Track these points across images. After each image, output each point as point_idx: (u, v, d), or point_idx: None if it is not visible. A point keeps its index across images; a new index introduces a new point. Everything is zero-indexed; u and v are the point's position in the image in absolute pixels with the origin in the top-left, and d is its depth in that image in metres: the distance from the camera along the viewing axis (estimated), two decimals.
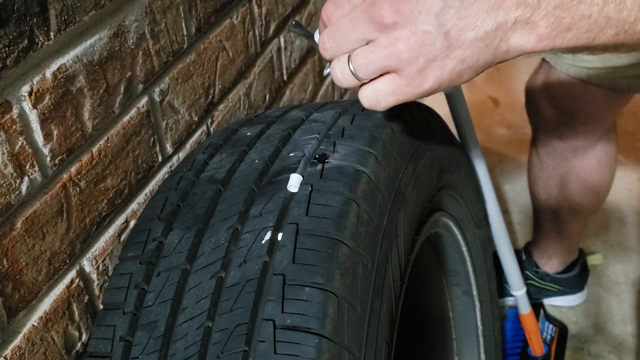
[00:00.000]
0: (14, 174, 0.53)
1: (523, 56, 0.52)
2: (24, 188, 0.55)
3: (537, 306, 1.53)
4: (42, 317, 0.59)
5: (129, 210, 0.70)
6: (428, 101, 0.82)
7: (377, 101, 0.54)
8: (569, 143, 1.31)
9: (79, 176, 0.61)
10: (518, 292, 1.25)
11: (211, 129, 0.85)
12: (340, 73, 0.54)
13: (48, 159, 0.57)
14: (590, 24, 0.48)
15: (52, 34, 0.54)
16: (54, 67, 0.56)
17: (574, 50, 0.50)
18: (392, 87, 0.53)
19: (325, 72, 0.64)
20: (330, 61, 0.61)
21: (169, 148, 0.76)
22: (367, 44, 0.52)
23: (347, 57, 0.53)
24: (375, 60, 0.51)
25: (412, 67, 0.50)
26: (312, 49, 1.17)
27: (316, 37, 0.63)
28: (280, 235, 0.58)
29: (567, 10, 0.48)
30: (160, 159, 0.75)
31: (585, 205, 1.40)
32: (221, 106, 0.87)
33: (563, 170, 1.35)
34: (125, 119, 0.67)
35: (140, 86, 0.69)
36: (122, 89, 0.65)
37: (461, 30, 0.49)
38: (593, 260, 1.68)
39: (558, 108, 1.25)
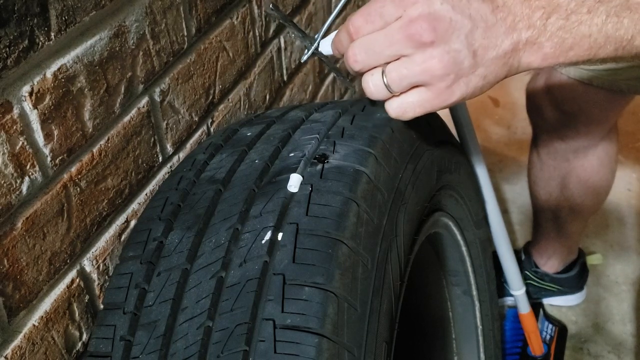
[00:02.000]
0: (15, 174, 0.54)
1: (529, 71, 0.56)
2: (24, 188, 0.55)
3: (536, 306, 1.53)
4: (42, 316, 0.59)
5: (129, 210, 0.70)
6: None
7: (404, 112, 0.57)
8: (570, 144, 1.31)
9: (79, 176, 0.61)
10: (517, 291, 1.25)
11: (211, 129, 0.85)
12: (374, 86, 0.56)
13: (49, 159, 0.57)
14: (591, 43, 0.52)
15: (52, 34, 0.54)
16: (54, 67, 0.56)
17: (575, 64, 0.55)
18: (420, 99, 0.55)
19: (304, 58, 0.65)
20: (307, 47, 0.64)
21: (170, 148, 0.76)
22: (397, 58, 0.54)
23: (381, 71, 0.55)
24: (409, 76, 0.54)
25: (443, 83, 0.53)
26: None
27: (323, 45, 0.63)
28: (280, 235, 0.58)
29: (569, 32, 0.52)
30: (160, 159, 0.75)
31: (586, 206, 1.40)
32: (221, 106, 0.87)
33: (564, 171, 1.35)
34: (126, 119, 0.67)
35: (141, 86, 0.69)
36: (123, 89, 0.65)
37: (485, 49, 0.52)
38: (593, 260, 1.68)
39: (559, 109, 1.25)
